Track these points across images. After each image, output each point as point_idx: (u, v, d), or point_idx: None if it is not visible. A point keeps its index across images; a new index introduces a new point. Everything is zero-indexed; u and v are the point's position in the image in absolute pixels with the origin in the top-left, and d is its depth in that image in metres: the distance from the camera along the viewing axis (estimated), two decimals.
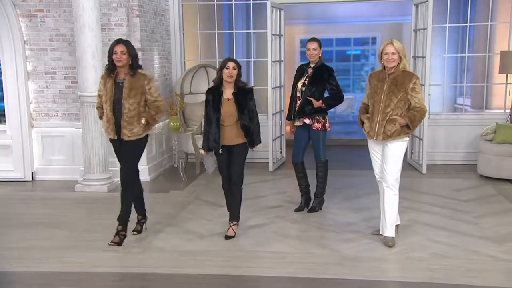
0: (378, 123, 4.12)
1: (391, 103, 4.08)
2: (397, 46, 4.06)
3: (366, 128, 4.27)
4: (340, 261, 4.02)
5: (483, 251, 4.11)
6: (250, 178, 6.77)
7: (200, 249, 4.33)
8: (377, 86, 4.18)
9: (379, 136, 4.14)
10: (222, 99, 4.39)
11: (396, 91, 4.07)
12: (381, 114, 4.11)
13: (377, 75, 4.25)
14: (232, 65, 4.31)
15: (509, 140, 6.17)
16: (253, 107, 4.47)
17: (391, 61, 4.07)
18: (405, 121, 4.06)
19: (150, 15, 6.70)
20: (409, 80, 4.07)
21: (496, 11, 8.02)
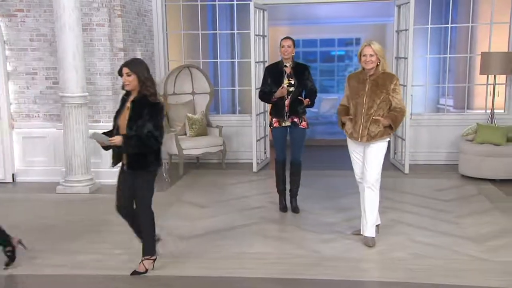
0: (362, 124, 4.14)
1: (374, 105, 4.11)
2: (375, 48, 4.10)
3: (348, 129, 4.27)
4: (320, 262, 4.03)
5: (463, 251, 4.15)
6: (234, 179, 6.79)
7: (180, 251, 4.30)
8: (357, 88, 4.20)
9: (363, 138, 4.16)
10: (124, 106, 3.72)
11: (378, 92, 4.10)
12: (364, 116, 4.13)
13: (357, 77, 4.26)
14: (126, 70, 3.60)
15: (490, 140, 6.24)
16: (155, 121, 3.57)
17: (370, 62, 4.11)
18: (388, 121, 4.10)
19: (133, 15, 6.66)
20: (390, 81, 4.12)
21: (477, 12, 8.11)
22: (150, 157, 3.70)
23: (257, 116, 7.17)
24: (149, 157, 3.70)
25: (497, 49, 7.01)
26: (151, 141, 3.58)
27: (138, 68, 3.63)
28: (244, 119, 7.64)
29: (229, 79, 9.63)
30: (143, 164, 3.71)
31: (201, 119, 7.25)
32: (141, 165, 3.71)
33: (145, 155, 3.67)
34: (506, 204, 5.38)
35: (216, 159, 7.53)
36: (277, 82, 5.08)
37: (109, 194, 6.02)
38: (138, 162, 3.70)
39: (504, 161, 6.13)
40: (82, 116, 6.01)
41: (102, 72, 6.31)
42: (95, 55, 6.27)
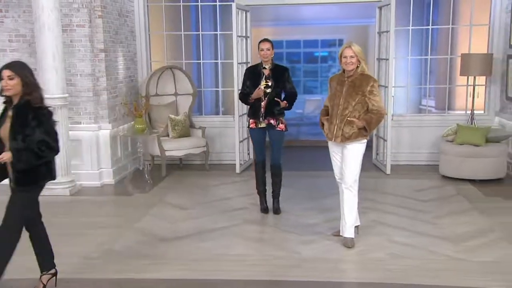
0: (337, 125, 4.19)
1: (349, 106, 4.15)
2: (355, 49, 4.12)
3: (326, 130, 4.34)
4: (300, 263, 4.04)
5: (439, 251, 4.19)
6: (217, 180, 6.78)
7: (159, 253, 4.29)
8: (336, 89, 4.25)
9: (337, 138, 4.20)
10: (5, 115, 3.32)
11: (354, 94, 4.14)
12: (339, 117, 4.17)
13: (337, 78, 4.31)
14: (8, 73, 3.21)
15: (469, 141, 6.31)
16: (46, 126, 3.19)
17: (350, 64, 4.13)
18: (362, 123, 4.12)
19: (114, 16, 6.61)
20: (366, 83, 4.14)
21: (458, 14, 8.20)
22: (41, 169, 3.25)
23: (240, 117, 7.17)
24: (41, 169, 3.25)
25: (478, 50, 7.10)
26: (44, 151, 3.16)
27: (22, 71, 3.24)
28: (227, 120, 7.63)
29: (213, 80, 9.62)
30: (33, 178, 3.24)
31: (184, 120, 7.23)
32: (31, 179, 3.24)
33: (36, 167, 3.21)
34: (484, 204, 5.44)
35: (199, 160, 7.52)
36: (255, 83, 5.10)
37: (90, 196, 6.03)
38: (27, 176, 3.22)
39: (483, 161, 6.20)
40: (62, 118, 5.94)
41: (83, 73, 6.26)
42: (75, 56, 6.22)
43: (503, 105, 6.94)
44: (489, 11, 7.08)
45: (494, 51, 6.96)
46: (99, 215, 5.34)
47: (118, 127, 6.75)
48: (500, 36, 6.92)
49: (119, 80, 6.81)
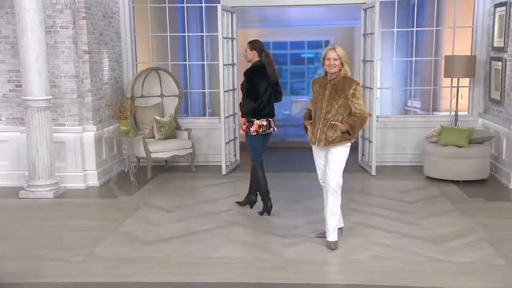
0: (320, 129, 4.17)
1: (332, 109, 4.12)
2: (339, 52, 4.10)
3: (309, 134, 4.31)
4: (283, 265, 4.05)
5: (421, 252, 4.22)
6: (203, 182, 6.77)
7: (143, 256, 4.27)
8: (318, 92, 4.22)
9: (320, 142, 4.18)
10: None
11: (337, 97, 4.11)
12: (322, 120, 4.15)
13: (320, 81, 4.29)
14: None
15: (453, 142, 6.37)
16: None
17: (333, 66, 4.11)
18: (346, 127, 4.11)
19: (98, 17, 6.57)
20: (349, 86, 4.12)
21: (443, 16, 8.27)
22: None
23: (226, 119, 7.16)
24: None
25: (463, 52, 7.16)
26: None
27: None
28: (214, 122, 7.63)
29: (200, 82, 9.60)
30: None
31: (170, 122, 7.21)
32: None
33: None
34: (467, 205, 5.49)
35: (185, 162, 7.50)
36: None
37: (74, 199, 5.99)
38: None
39: (466, 162, 6.26)
40: (46, 120, 5.91)
41: (67, 75, 6.21)
42: (59, 58, 6.17)
43: (486, 107, 7.02)
44: (472, 13, 7.14)
45: (477, 53, 7.03)
46: (82, 218, 5.31)
47: (103, 129, 6.71)
48: (483, 38, 6.99)
49: (104, 82, 6.77)
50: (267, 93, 5.06)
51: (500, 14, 6.33)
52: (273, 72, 5.10)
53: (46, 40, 5.88)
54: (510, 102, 6.11)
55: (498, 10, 6.42)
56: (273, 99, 5.17)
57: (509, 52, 6.15)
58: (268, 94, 5.09)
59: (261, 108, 5.06)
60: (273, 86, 5.13)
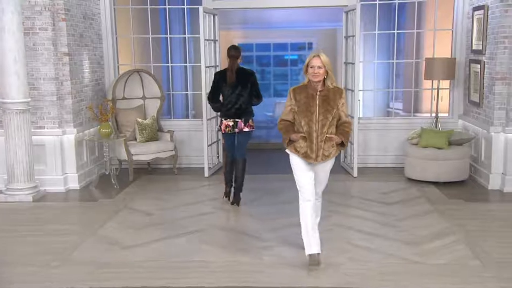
0: (318, 144, 3.92)
1: (327, 122, 3.90)
2: (324, 60, 3.84)
3: (302, 148, 3.95)
4: (261, 269, 4.05)
5: (398, 254, 4.26)
6: (185, 184, 6.75)
7: (122, 260, 4.24)
8: (307, 103, 3.90)
9: (318, 158, 3.94)
10: None
11: (330, 108, 3.90)
12: (319, 134, 3.90)
13: (304, 91, 3.95)
14: None
15: (433, 144, 6.43)
16: None
17: (317, 75, 3.85)
18: (341, 138, 3.96)
19: (78, 18, 6.52)
20: (339, 96, 3.94)
21: (424, 19, 8.34)
22: None
23: (208, 121, 7.15)
24: None
25: (444, 55, 7.23)
26: None
27: None
28: (196, 124, 7.61)
29: (183, 83, 9.57)
30: None
31: (152, 124, 7.18)
32: None
33: None
34: (445, 206, 5.54)
35: (168, 164, 7.47)
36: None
37: (53, 202, 5.94)
38: None
39: (446, 164, 6.32)
40: (25, 122, 5.85)
41: (46, 77, 6.15)
42: (38, 60, 6.11)
43: (466, 109, 7.10)
44: (452, 16, 7.21)
45: (457, 56, 7.10)
46: (61, 222, 5.26)
47: (84, 131, 6.67)
48: (462, 41, 7.06)
49: (84, 84, 6.72)
50: (234, 94, 5.48)
51: (478, 17, 6.40)
52: (230, 75, 5.49)
53: (24, 42, 5.83)
54: (489, 105, 6.19)
55: (476, 14, 6.50)
56: (243, 102, 5.50)
57: (487, 55, 6.23)
58: (235, 96, 5.47)
59: (227, 109, 5.53)
60: (242, 88, 5.48)
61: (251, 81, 5.53)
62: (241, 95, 5.47)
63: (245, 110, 5.53)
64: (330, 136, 3.92)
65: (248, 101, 5.53)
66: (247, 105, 5.53)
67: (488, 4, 6.13)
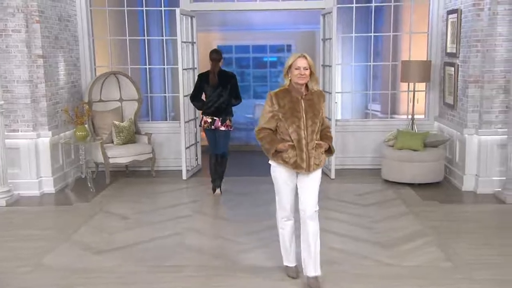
0: (308, 152, 3.59)
1: (316, 127, 3.62)
2: (310, 61, 3.58)
3: (291, 158, 3.60)
4: (235, 273, 4.05)
5: (372, 257, 4.29)
6: (163, 187, 6.71)
7: (94, 266, 4.20)
8: (293, 108, 3.58)
9: (311, 167, 3.62)
10: None
11: (316, 112, 3.63)
12: (309, 142, 3.60)
13: (288, 95, 3.61)
14: None
15: (408, 146, 6.50)
16: None
17: (304, 77, 3.56)
18: (328, 144, 3.71)
19: (53, 20, 6.44)
20: (323, 99, 3.73)
21: (401, 22, 8.42)
22: None
23: (186, 123, 7.12)
24: None
25: (420, 57, 7.31)
26: None
27: None
28: (175, 126, 7.56)
29: (162, 85, 9.52)
30: None
31: (129, 127, 7.12)
32: None
33: None
34: (420, 208, 5.60)
35: (146, 167, 7.41)
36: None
37: (27, 207, 5.85)
38: None
39: (421, 166, 6.39)
40: None
41: (20, 80, 6.06)
42: (12, 62, 6.01)
43: (441, 111, 7.19)
44: (427, 19, 7.30)
45: (432, 58, 7.19)
46: (34, 227, 5.19)
47: (60, 134, 6.58)
48: (437, 44, 7.15)
49: (60, 86, 6.63)
50: (215, 94, 5.93)
51: (452, 21, 6.49)
52: (212, 77, 5.96)
53: None
54: (462, 107, 6.28)
55: (450, 17, 6.59)
56: (222, 102, 5.93)
57: (460, 58, 6.32)
58: (216, 96, 5.93)
59: (208, 107, 5.99)
60: (222, 89, 5.92)
61: (231, 83, 5.95)
62: (221, 95, 5.91)
63: (225, 110, 5.97)
64: (319, 142, 3.66)
65: (228, 101, 5.97)
66: (226, 105, 5.96)
67: (462, 8, 6.22)
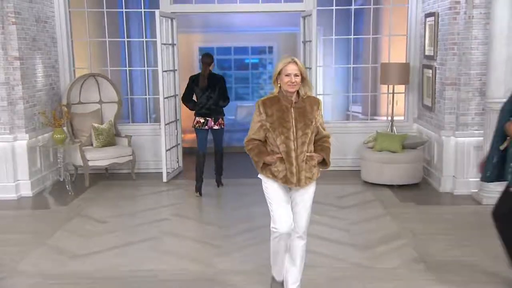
0: (298, 165, 3.31)
1: (307, 139, 3.31)
2: (301, 66, 3.27)
3: (280, 172, 3.33)
4: (212, 277, 4.04)
5: (348, 259, 4.31)
6: (143, 190, 6.67)
7: (69, 271, 4.16)
8: (282, 117, 3.28)
9: (301, 182, 3.33)
10: None
11: (308, 122, 3.30)
12: (299, 154, 3.29)
13: (276, 103, 3.32)
14: None
15: (387, 148, 6.55)
16: None
17: (294, 85, 3.25)
18: (322, 156, 3.39)
19: (31, 22, 6.37)
20: (317, 107, 3.37)
21: (381, 25, 8.49)
22: None
23: (167, 125, 7.08)
24: None
25: (400, 60, 7.37)
26: None
27: None
28: (156, 128, 7.53)
29: (143, 87, 9.48)
30: None
31: (109, 129, 7.07)
32: None
33: None
34: (398, 209, 5.65)
35: (127, 169, 7.36)
36: None
37: (4, 211, 5.78)
38: None
39: (400, 167, 6.44)
40: None
41: None
42: None
43: (420, 113, 7.26)
44: (406, 22, 7.37)
45: (411, 61, 7.26)
46: (10, 231, 5.13)
47: (38, 137, 6.51)
48: (416, 46, 7.22)
49: (37, 89, 6.56)
50: (204, 96, 6.21)
51: (430, 24, 6.56)
52: (202, 80, 6.22)
53: None
54: (440, 109, 6.35)
55: (428, 20, 6.66)
56: (212, 103, 6.21)
57: (438, 60, 6.39)
58: (206, 98, 6.21)
59: (199, 108, 6.26)
60: (211, 91, 6.19)
61: (220, 85, 6.25)
62: (210, 97, 6.21)
63: (215, 110, 6.27)
64: (311, 154, 3.35)
65: (217, 102, 6.26)
66: (216, 106, 6.26)
67: (439, 11, 6.29)
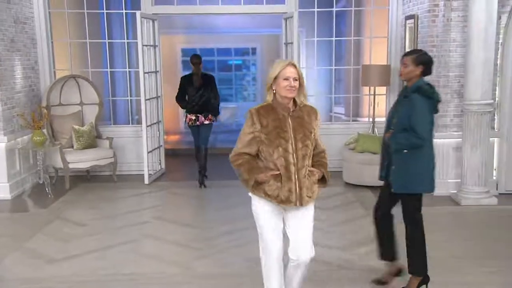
0: (300, 181, 2.95)
1: (308, 151, 2.98)
2: (299, 70, 2.95)
3: (274, 191, 2.95)
4: (191, 280, 4.03)
5: (328, 260, 4.32)
6: (124, 192, 6.62)
7: (46, 275, 4.11)
8: (279, 128, 2.93)
9: (302, 200, 2.96)
10: None
11: (308, 133, 2.97)
12: (300, 169, 2.94)
13: (272, 112, 2.97)
14: None
15: (368, 149, 6.60)
16: None
17: (294, 89, 2.93)
18: (322, 172, 3.07)
19: (9, 23, 6.29)
20: (315, 117, 3.04)
21: (363, 27, 8.54)
22: None
23: (148, 127, 7.05)
24: None
25: (382, 61, 7.42)
26: None
27: None
28: (138, 130, 7.49)
29: (126, 89, 9.42)
30: None
31: (89, 131, 7.01)
32: None
33: None
34: None
35: (108, 172, 7.31)
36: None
37: None
38: None
39: None
40: None
41: None
42: None
43: None
44: (387, 24, 7.42)
45: (392, 62, 7.31)
46: None
47: (17, 139, 6.43)
48: (397, 48, 7.28)
49: (16, 90, 6.48)
50: (198, 94, 6.59)
51: (410, 26, 6.62)
52: (196, 79, 6.64)
53: None
54: None
55: (408, 22, 6.72)
56: (203, 101, 6.60)
57: None
58: (199, 96, 6.59)
59: (192, 106, 6.63)
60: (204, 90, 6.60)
61: (211, 84, 6.67)
62: (203, 95, 6.60)
63: (206, 107, 6.63)
64: (312, 169, 3.02)
65: (209, 100, 6.64)
66: (207, 103, 6.63)
67: (418, 14, 6.34)
